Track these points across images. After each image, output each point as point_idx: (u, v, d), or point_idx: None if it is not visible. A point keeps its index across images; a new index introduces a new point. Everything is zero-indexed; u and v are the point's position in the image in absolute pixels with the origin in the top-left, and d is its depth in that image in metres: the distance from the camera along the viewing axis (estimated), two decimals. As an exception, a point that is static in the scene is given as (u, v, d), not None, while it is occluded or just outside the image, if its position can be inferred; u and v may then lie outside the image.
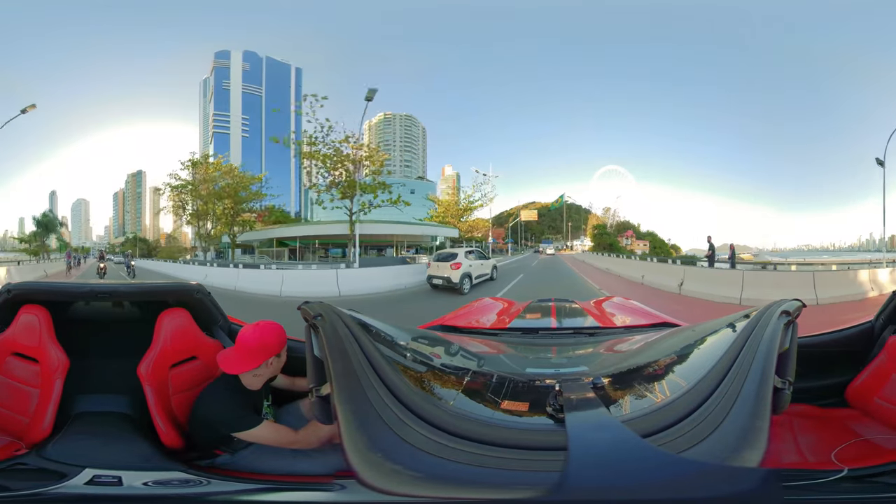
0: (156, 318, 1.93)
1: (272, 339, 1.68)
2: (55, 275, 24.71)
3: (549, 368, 1.59)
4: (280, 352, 1.72)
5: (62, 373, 1.82)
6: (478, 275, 14.39)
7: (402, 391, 1.01)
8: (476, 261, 14.53)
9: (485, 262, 15.51)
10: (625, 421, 0.89)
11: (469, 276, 13.49)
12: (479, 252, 16.25)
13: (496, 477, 0.82)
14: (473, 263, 14.13)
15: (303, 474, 1.53)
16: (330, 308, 1.23)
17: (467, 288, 13.28)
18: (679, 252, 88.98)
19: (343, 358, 1.04)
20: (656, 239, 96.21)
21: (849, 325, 1.92)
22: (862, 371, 1.75)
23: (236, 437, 1.60)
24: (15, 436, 1.73)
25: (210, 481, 1.35)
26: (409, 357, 1.45)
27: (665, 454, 0.80)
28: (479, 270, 14.67)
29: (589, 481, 0.75)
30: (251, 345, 1.64)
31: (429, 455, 0.86)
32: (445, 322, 2.41)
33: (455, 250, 14.66)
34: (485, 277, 15.20)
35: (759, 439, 0.80)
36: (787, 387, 0.97)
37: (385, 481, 0.81)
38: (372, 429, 0.90)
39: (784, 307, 1.15)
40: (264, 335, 1.67)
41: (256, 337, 1.65)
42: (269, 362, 1.68)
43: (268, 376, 1.75)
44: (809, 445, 1.46)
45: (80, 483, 1.29)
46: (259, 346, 1.64)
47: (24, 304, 1.89)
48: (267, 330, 1.68)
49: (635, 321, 2.51)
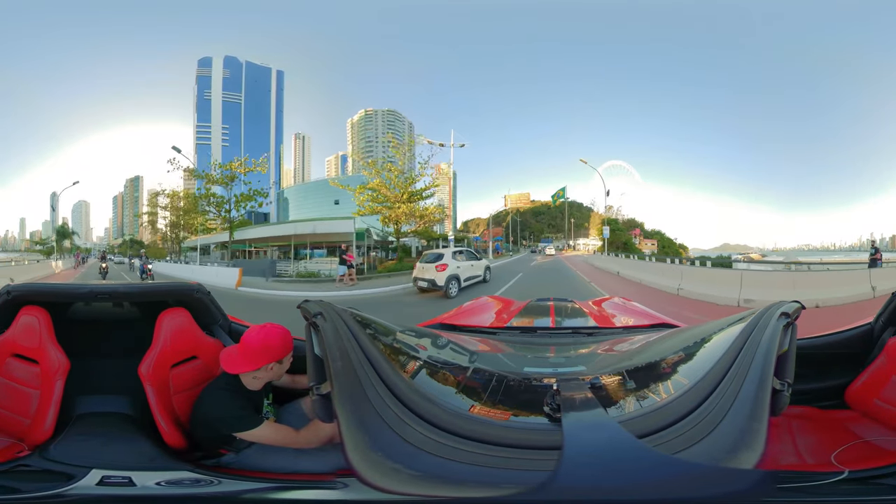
0: (156, 318, 1.94)
1: (275, 342, 1.67)
2: (67, 269, 31.57)
3: (548, 368, 1.59)
4: (283, 358, 1.70)
5: (63, 374, 1.83)
6: (467, 277, 13.49)
7: (402, 390, 1.02)
8: (465, 262, 13.64)
9: (476, 263, 14.54)
10: (622, 421, 0.89)
11: (457, 279, 12.65)
12: (469, 252, 15.28)
13: (494, 476, 0.82)
14: (462, 265, 13.26)
15: (305, 473, 1.54)
16: (330, 306, 1.23)
17: (454, 291, 12.38)
18: (686, 252, 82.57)
19: (343, 356, 1.04)
20: (664, 238, 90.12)
21: (848, 327, 1.91)
22: (862, 373, 1.74)
23: (238, 436, 1.60)
24: (16, 437, 1.73)
25: (220, 481, 1.36)
26: (409, 355, 1.45)
27: (659, 455, 0.80)
28: (469, 272, 13.76)
29: (581, 480, 0.75)
30: (253, 346, 1.64)
31: (428, 454, 0.86)
32: (444, 321, 2.41)
33: (442, 250, 13.91)
34: (476, 280, 14.29)
35: (756, 441, 0.80)
36: (786, 388, 0.98)
37: (385, 480, 0.81)
38: (371, 427, 0.90)
39: (783, 308, 1.16)
40: (268, 338, 1.66)
41: (260, 339, 1.65)
42: (270, 367, 1.67)
43: (267, 380, 1.75)
44: (809, 447, 1.46)
45: (92, 483, 1.30)
46: (261, 348, 1.64)
47: (24, 306, 1.90)
48: (272, 333, 1.67)
49: (634, 321, 2.51)
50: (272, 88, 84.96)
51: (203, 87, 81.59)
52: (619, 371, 1.31)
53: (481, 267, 14.95)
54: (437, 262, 12.60)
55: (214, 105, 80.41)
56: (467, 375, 1.30)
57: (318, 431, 1.60)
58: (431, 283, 12.44)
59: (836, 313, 8.63)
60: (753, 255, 42.28)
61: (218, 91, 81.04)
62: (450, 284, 12.32)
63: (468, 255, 14.57)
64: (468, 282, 13.55)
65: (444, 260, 12.65)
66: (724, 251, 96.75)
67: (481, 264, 15.12)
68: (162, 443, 1.68)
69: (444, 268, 12.39)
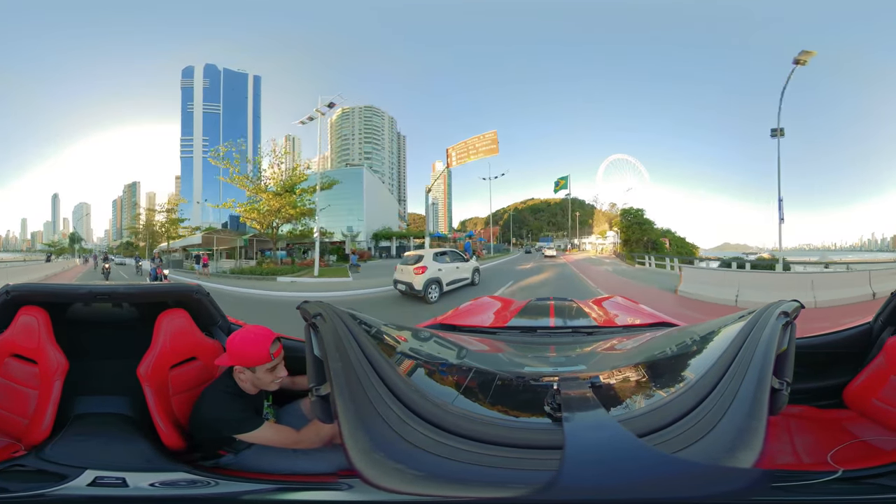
0: (155, 319, 1.93)
1: (247, 348, 1.61)
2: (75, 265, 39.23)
3: (548, 367, 1.59)
4: (255, 367, 1.62)
5: (61, 374, 1.82)
6: (451, 280, 12.33)
7: (402, 390, 1.02)
8: (449, 264, 12.48)
9: (462, 266, 13.34)
10: (622, 420, 0.89)
11: (438, 282, 11.49)
12: (454, 253, 13.87)
13: (495, 476, 0.82)
14: (445, 267, 12.11)
15: (305, 473, 1.53)
16: (329, 307, 1.23)
17: (434, 296, 11.23)
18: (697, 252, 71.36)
19: (342, 357, 1.04)
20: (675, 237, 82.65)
21: (847, 327, 1.92)
22: (860, 372, 1.74)
23: (238, 438, 1.60)
24: (13, 437, 1.73)
25: (217, 482, 1.35)
26: (408, 356, 1.45)
27: (659, 454, 0.80)
28: (454, 275, 12.56)
29: (583, 480, 0.75)
30: (230, 346, 1.65)
31: (430, 454, 0.87)
32: (444, 321, 2.41)
33: (422, 252, 12.75)
34: (462, 283, 13.18)
35: (754, 440, 0.81)
36: (784, 388, 0.98)
37: (389, 480, 0.81)
38: (372, 428, 0.90)
39: (783, 308, 1.16)
40: (242, 344, 1.63)
41: (236, 341, 1.65)
42: (241, 370, 1.63)
43: (252, 385, 1.68)
44: (806, 446, 1.47)
45: (83, 484, 1.29)
46: (236, 351, 1.63)
47: (23, 306, 1.89)
48: (247, 338, 1.63)
49: (634, 320, 2.51)
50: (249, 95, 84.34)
51: (186, 99, 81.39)
52: (618, 370, 1.32)
53: (468, 269, 13.80)
54: (415, 265, 11.44)
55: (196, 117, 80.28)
56: (467, 375, 1.30)
57: (319, 431, 1.59)
58: (409, 287, 11.42)
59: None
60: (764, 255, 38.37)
61: (199, 103, 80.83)
62: (429, 289, 11.21)
63: (453, 256, 13.41)
64: (452, 285, 12.42)
65: (423, 262, 11.52)
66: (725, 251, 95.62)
67: (468, 266, 13.91)
68: (160, 444, 1.68)
69: (422, 270, 11.30)
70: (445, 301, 11.22)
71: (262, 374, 1.64)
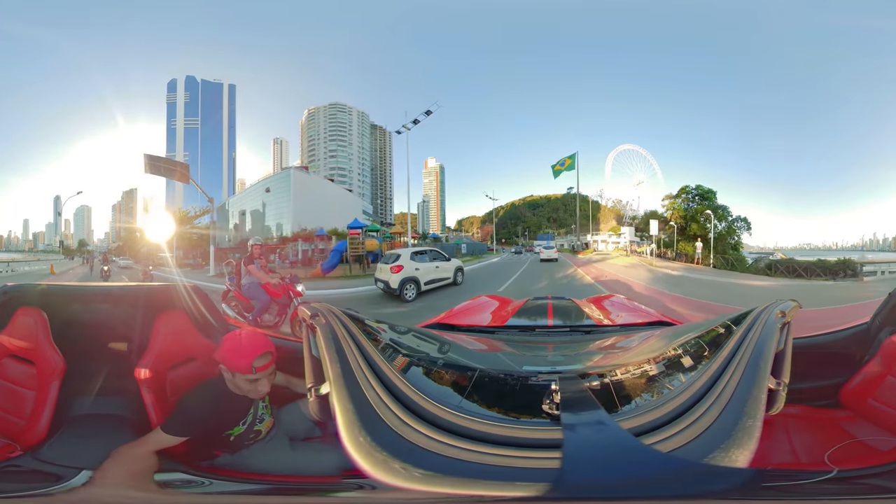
0: (153, 319, 1.93)
1: (231, 353, 1.59)
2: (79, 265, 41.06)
3: (546, 366, 1.59)
4: (234, 373, 1.58)
5: (58, 375, 1.82)
6: (429, 279, 12.08)
7: (401, 390, 1.02)
8: (428, 263, 12.25)
9: (442, 265, 13.01)
10: (619, 419, 0.89)
11: (415, 282, 11.35)
12: (434, 252, 13.45)
13: (495, 475, 0.83)
14: (423, 266, 11.90)
15: (304, 474, 1.53)
16: (327, 308, 1.23)
17: (411, 295, 11.11)
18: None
19: (341, 357, 1.04)
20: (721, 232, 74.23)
21: (844, 327, 1.92)
22: (857, 373, 1.75)
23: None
24: (10, 438, 1.72)
25: (212, 481, 1.35)
26: (407, 356, 1.45)
27: (656, 453, 0.81)
28: (433, 274, 12.27)
29: (582, 479, 0.76)
30: (222, 343, 1.64)
31: (431, 453, 0.87)
32: (442, 320, 2.41)
33: (400, 250, 12.56)
34: (443, 282, 12.83)
35: (750, 439, 0.81)
36: (781, 387, 0.98)
37: (395, 479, 0.82)
38: (373, 428, 0.91)
39: (780, 308, 1.16)
40: (229, 344, 1.61)
41: (226, 341, 1.64)
42: (225, 369, 1.61)
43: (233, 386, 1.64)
44: (803, 446, 1.47)
45: (78, 484, 1.29)
46: (222, 349, 1.62)
47: (21, 307, 1.89)
48: (234, 344, 1.61)
49: (632, 319, 2.51)
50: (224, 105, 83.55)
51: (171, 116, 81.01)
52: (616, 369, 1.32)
53: (450, 269, 13.34)
54: (393, 263, 11.36)
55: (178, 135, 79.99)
56: (466, 375, 1.30)
57: None
58: (386, 286, 11.36)
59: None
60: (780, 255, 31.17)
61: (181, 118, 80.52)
62: (405, 287, 11.09)
63: (433, 255, 13.06)
64: (431, 285, 12.15)
65: (399, 261, 11.40)
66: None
67: (449, 266, 13.45)
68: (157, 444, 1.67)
69: (398, 269, 11.17)
70: (425, 300, 11.19)
71: (241, 381, 1.59)
